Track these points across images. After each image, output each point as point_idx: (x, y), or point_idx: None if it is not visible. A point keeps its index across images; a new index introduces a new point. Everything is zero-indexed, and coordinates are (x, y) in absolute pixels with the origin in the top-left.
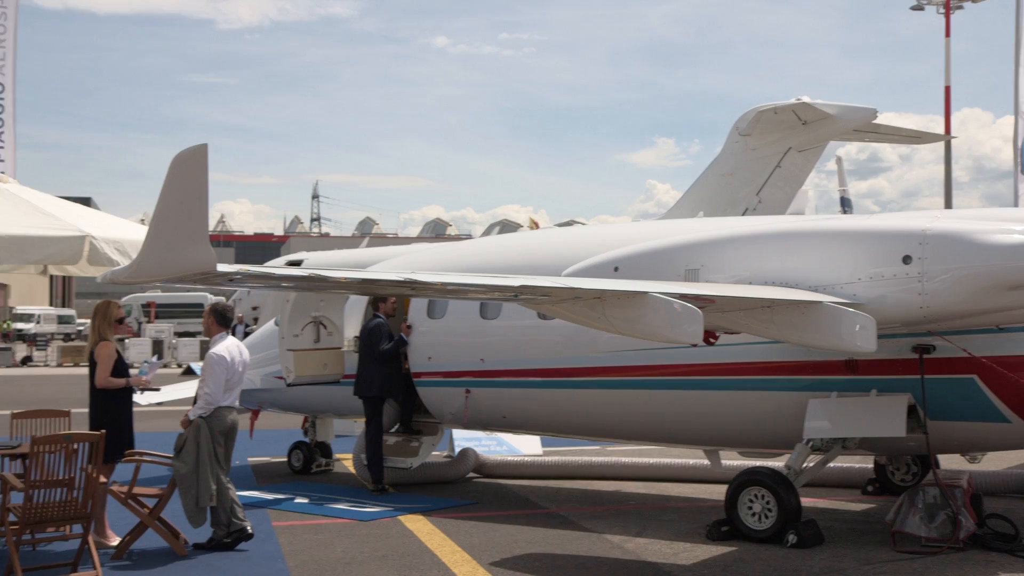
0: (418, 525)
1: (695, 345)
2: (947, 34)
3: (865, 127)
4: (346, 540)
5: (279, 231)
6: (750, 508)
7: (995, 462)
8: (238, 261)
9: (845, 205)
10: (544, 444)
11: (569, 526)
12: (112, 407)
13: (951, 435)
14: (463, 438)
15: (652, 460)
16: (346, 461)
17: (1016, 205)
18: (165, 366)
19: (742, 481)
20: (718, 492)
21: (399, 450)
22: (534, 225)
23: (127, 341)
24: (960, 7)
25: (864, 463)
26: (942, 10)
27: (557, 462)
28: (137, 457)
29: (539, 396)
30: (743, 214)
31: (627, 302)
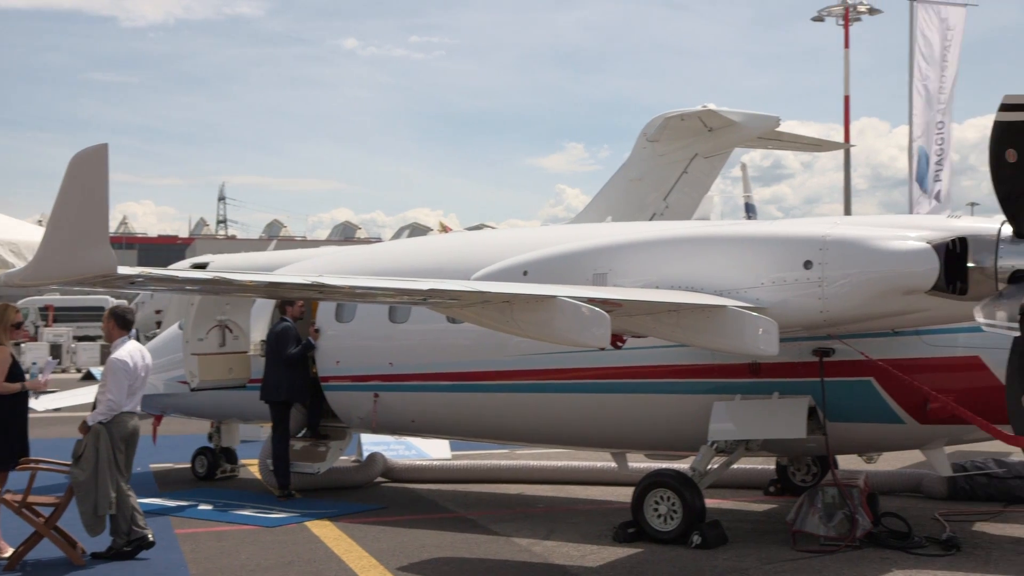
0: (325, 530)
1: (603, 349)
2: (846, 45)
3: (768, 135)
4: (251, 547)
5: (184, 233)
6: (656, 510)
7: (890, 462)
8: (141, 263)
9: (749, 211)
10: (453, 448)
11: (477, 530)
12: (3, 413)
13: (849, 436)
14: (371, 442)
15: (560, 463)
16: (252, 467)
17: (911, 212)
18: (64, 371)
19: (648, 483)
20: (625, 494)
21: (306, 455)
22: (444, 229)
23: (23, 345)
24: (858, 19)
25: (766, 464)
26: (841, 22)
27: (466, 466)
28: (32, 465)
29: (448, 400)
30: (651, 219)
31: (536, 306)
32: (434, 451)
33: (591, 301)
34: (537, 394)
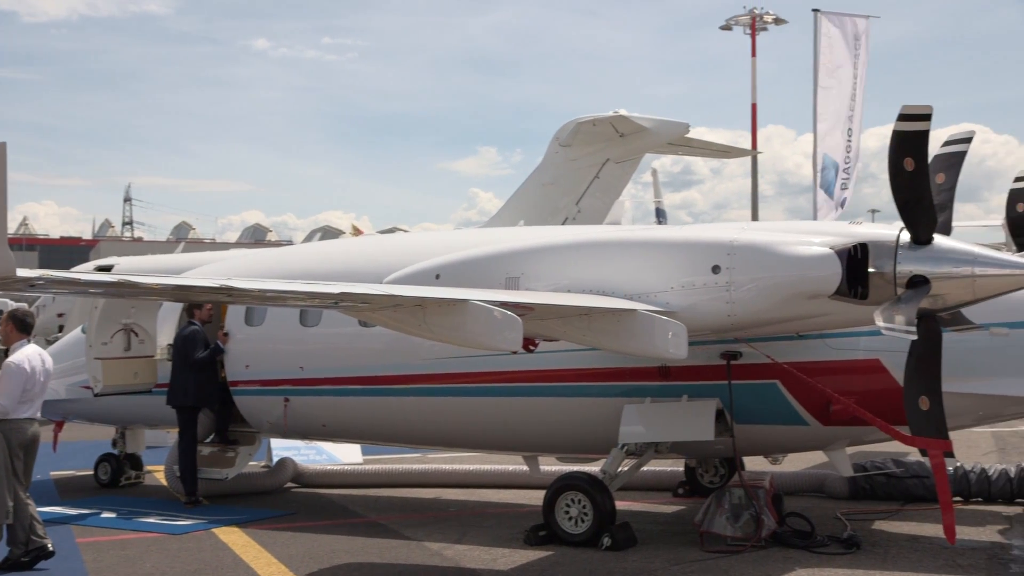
0: (233, 537)
1: (515, 352)
2: (753, 54)
3: (678, 141)
4: (156, 555)
5: (88, 235)
6: (567, 512)
7: (794, 463)
8: (43, 266)
9: (660, 216)
10: (365, 452)
11: (389, 534)
12: None
13: (755, 438)
14: (281, 447)
15: (472, 467)
16: (158, 473)
17: (815, 218)
18: None
19: (560, 486)
20: (536, 497)
21: (214, 461)
22: (356, 232)
23: None
24: (765, 29)
25: (675, 466)
26: (748, 31)
27: (377, 470)
28: None
29: (360, 404)
30: (563, 223)
31: (448, 310)
32: (345, 455)
33: (503, 305)
34: (449, 398)
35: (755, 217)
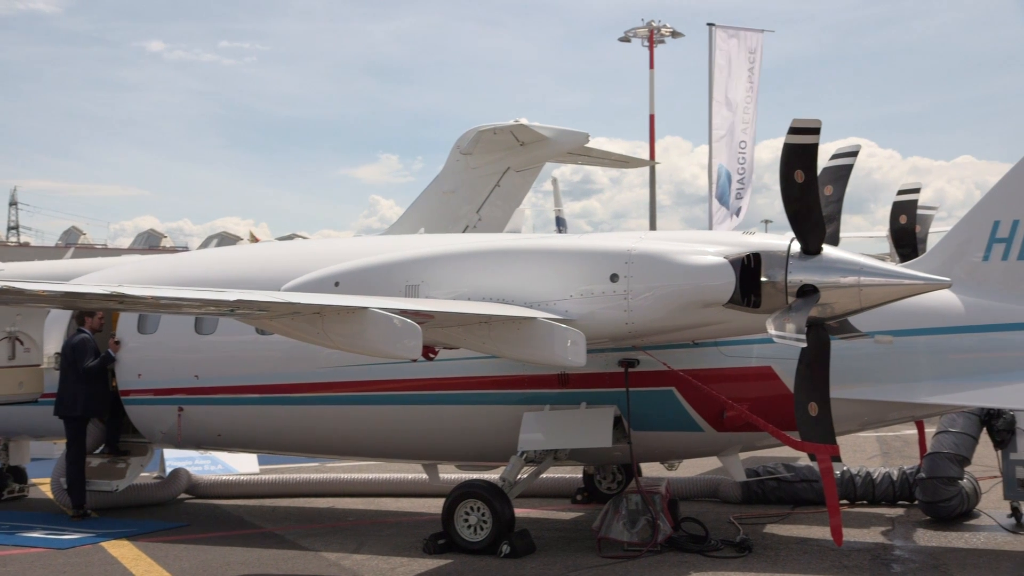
0: (123, 551)
1: (415, 360)
2: (651, 66)
3: (578, 150)
4: (41, 571)
5: None
6: (466, 520)
7: (690, 469)
8: None
9: (560, 224)
10: (261, 462)
11: (285, 545)
12: None
13: (652, 444)
14: (175, 458)
15: (371, 475)
16: (43, 486)
17: (711, 228)
18: None
19: (459, 494)
20: (435, 505)
21: (104, 472)
22: (254, 238)
23: None
24: (662, 41)
25: (574, 473)
26: (646, 43)
27: (274, 480)
28: None
29: (257, 413)
30: (464, 231)
31: (347, 317)
32: (241, 465)
33: (403, 313)
34: (348, 406)
35: (653, 226)
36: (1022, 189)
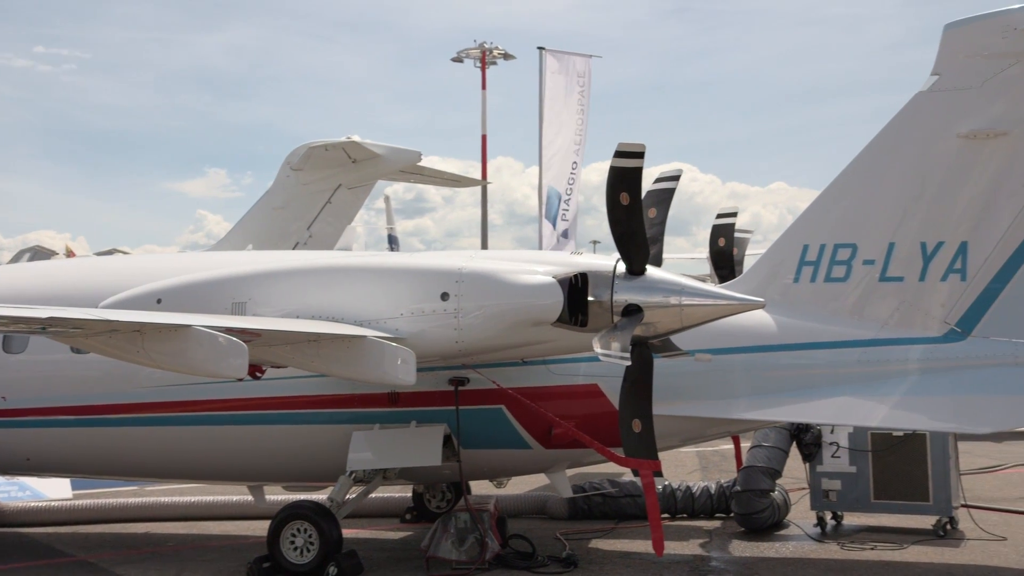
0: None
1: (240, 379)
2: (483, 87)
3: (411, 168)
4: None
5: None
6: (292, 542)
7: (518, 486)
8: None
9: (392, 242)
10: (74, 487)
11: (99, 573)
12: None
13: (482, 462)
14: None
15: (193, 499)
16: None
17: (541, 248)
18: None
19: (285, 516)
20: (261, 528)
21: None
22: (70, 253)
23: None
24: (494, 63)
25: (403, 492)
26: (478, 64)
27: (88, 505)
28: None
29: (71, 436)
30: (294, 248)
31: (169, 336)
32: (52, 491)
33: (229, 331)
34: (170, 427)
35: (485, 246)
36: (829, 215)
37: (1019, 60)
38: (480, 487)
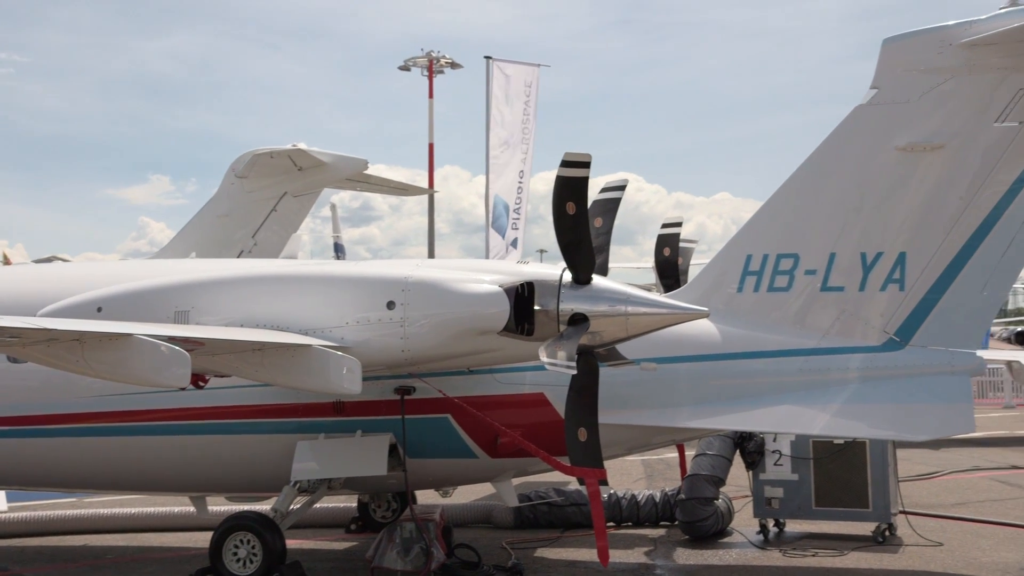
0: None
1: (183, 389)
2: (431, 95)
3: (357, 177)
4: None
5: None
6: (235, 554)
7: (464, 495)
8: None
9: (338, 251)
10: (10, 498)
11: None
12: None
13: (428, 471)
14: None
15: (134, 510)
16: None
17: (488, 257)
18: None
19: (228, 527)
20: (203, 539)
21: None
22: (7, 260)
23: None
24: (441, 72)
25: (348, 502)
26: (426, 73)
27: (24, 518)
28: None
29: (7, 447)
30: (238, 256)
31: (109, 345)
32: None
33: (171, 340)
34: (111, 438)
35: (432, 254)
36: (771, 226)
37: (954, 75)
38: (426, 496)
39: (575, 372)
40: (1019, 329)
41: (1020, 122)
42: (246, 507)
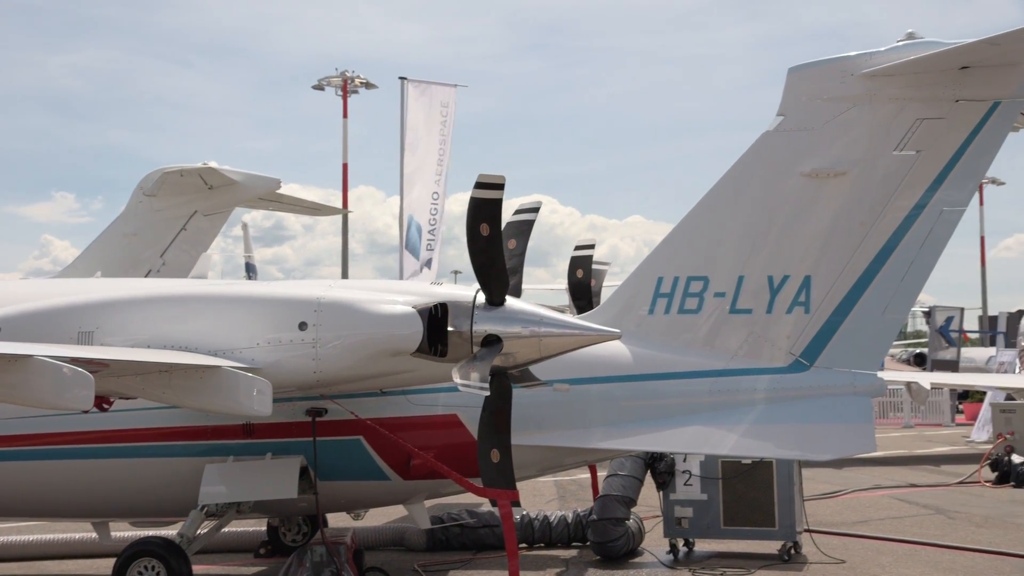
0: None
1: (86, 411)
2: (345, 115)
3: (270, 196)
4: None
5: None
6: None
7: (376, 518)
8: None
9: (250, 271)
10: None
11: None
12: None
13: (339, 494)
14: None
15: (30, 537)
16: None
17: (401, 277)
18: None
19: (131, 553)
20: (105, 566)
21: None
22: None
23: None
24: (356, 91)
25: (257, 526)
26: (340, 92)
27: None
28: None
29: None
30: (146, 275)
31: (7, 366)
32: None
33: (74, 361)
34: (8, 462)
35: (345, 275)
36: (682, 248)
37: (855, 104)
38: (337, 519)
39: (488, 393)
40: (917, 351)
41: (917, 151)
42: (151, 532)
